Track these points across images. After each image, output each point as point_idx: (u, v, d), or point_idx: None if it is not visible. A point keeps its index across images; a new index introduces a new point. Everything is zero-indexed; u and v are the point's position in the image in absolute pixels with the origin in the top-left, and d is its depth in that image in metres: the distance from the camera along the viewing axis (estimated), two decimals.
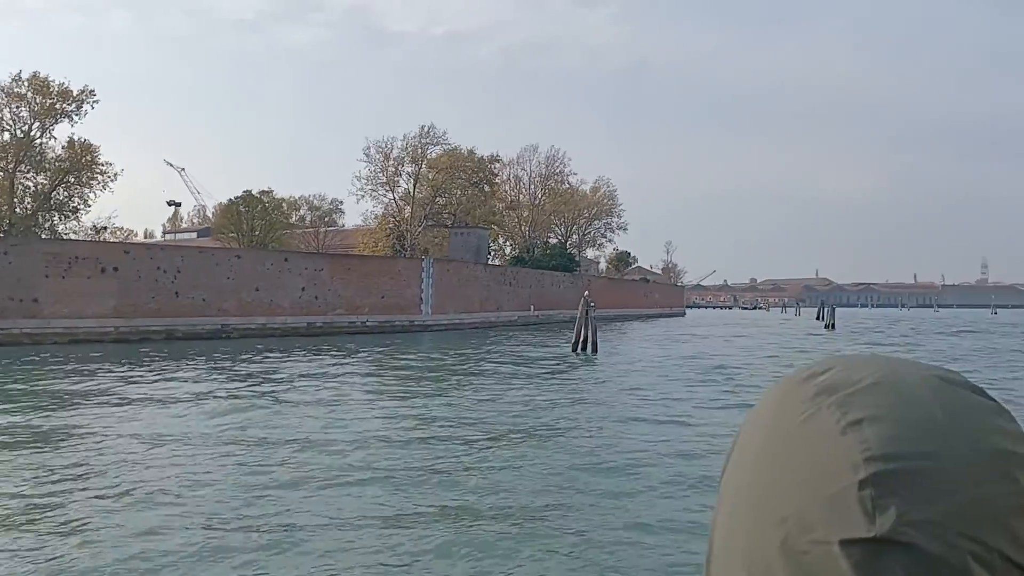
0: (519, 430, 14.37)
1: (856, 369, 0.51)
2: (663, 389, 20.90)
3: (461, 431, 14.18)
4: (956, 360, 31.27)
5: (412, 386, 21.43)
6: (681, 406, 17.58)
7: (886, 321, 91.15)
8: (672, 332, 59.08)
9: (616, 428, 14.83)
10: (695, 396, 19.41)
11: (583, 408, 17.45)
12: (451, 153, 67.95)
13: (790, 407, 0.51)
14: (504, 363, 28.64)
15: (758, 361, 29.59)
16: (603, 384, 22.53)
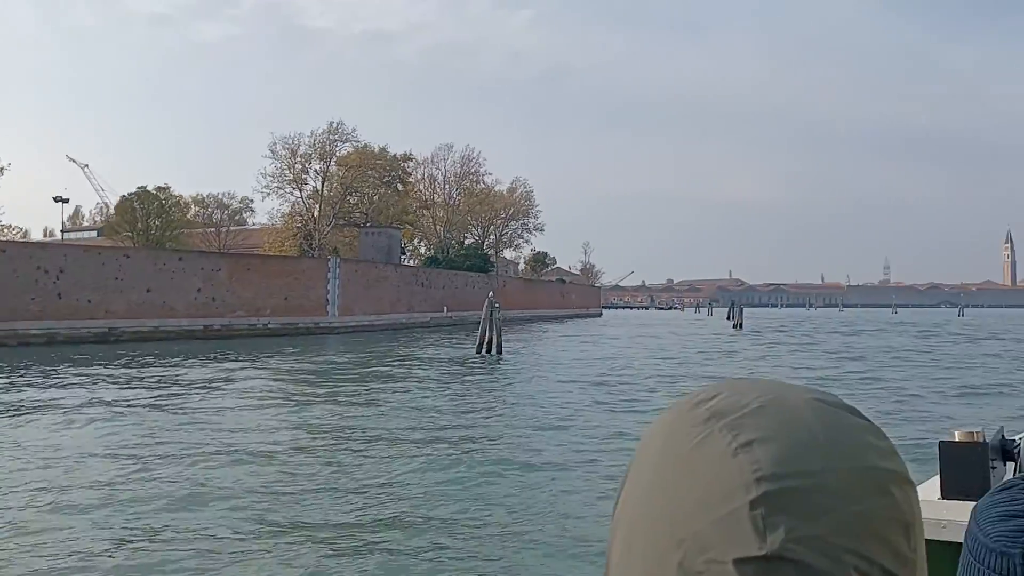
0: (407, 438, 13.53)
1: (743, 393, 0.53)
2: (560, 393, 20.37)
3: (345, 440, 13.29)
4: (853, 359, 31.90)
5: (303, 392, 20.28)
6: (575, 411, 16.99)
7: (792, 321, 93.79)
8: (583, 333, 59.09)
9: (508, 434, 14.16)
10: (590, 401, 18.90)
11: (474, 414, 16.68)
12: (361, 151, 66.39)
13: (682, 432, 0.52)
14: (405, 366, 27.69)
15: (659, 363, 29.42)
16: (501, 387, 21.87)
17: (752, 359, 32.86)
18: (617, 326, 76.69)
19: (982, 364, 29.55)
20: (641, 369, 26.60)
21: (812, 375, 25.54)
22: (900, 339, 48.80)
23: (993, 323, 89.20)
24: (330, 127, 63.58)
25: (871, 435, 0.52)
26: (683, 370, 26.80)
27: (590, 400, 18.82)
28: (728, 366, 28.24)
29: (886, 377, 24.34)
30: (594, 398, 19.13)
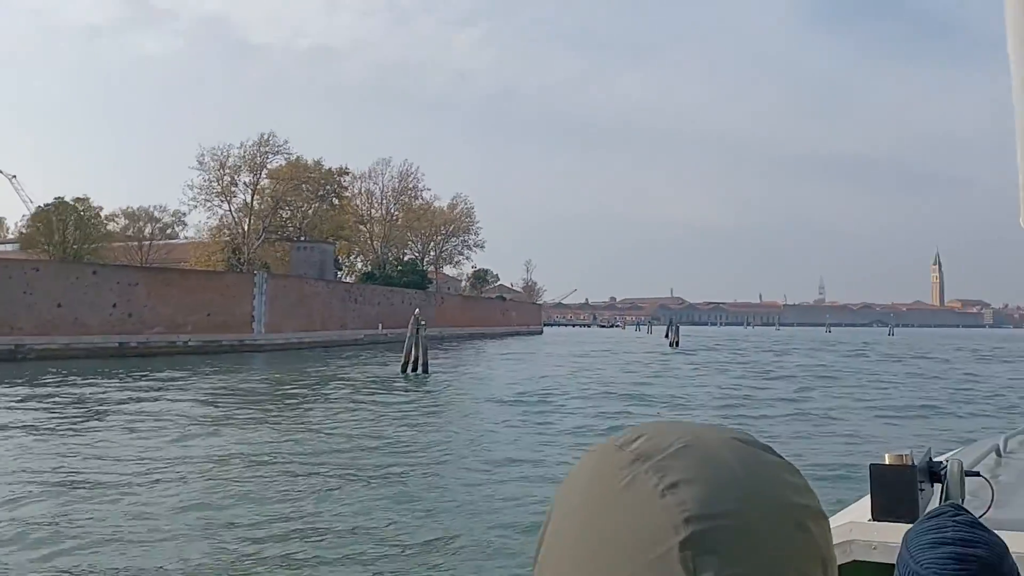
0: (305, 467, 12.55)
1: (665, 435, 0.53)
2: (481, 417, 19.52)
3: (250, 466, 12.41)
4: (781, 379, 31.79)
5: (202, 415, 18.98)
6: (494, 438, 16.15)
7: (729, 339, 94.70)
8: (520, 351, 58.38)
9: (419, 463, 13.22)
10: (511, 425, 18.06)
11: (385, 439, 15.66)
12: (294, 164, 64.77)
13: (609, 474, 0.52)
14: (323, 386, 26.48)
15: (590, 384, 28.77)
16: (421, 410, 20.83)
17: (684, 377, 32.53)
18: (556, 344, 76.22)
19: (905, 383, 29.75)
20: (570, 390, 25.91)
21: (738, 393, 25.26)
22: (828, 356, 49.33)
23: (921, 342, 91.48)
24: (261, 139, 61.96)
25: (787, 472, 0.53)
26: (614, 389, 26.19)
27: (511, 424, 18.00)
28: (658, 387, 27.75)
29: (812, 396, 24.18)
30: (516, 422, 18.31)
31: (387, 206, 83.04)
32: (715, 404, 22.65)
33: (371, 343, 61.67)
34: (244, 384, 27.02)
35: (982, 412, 21.02)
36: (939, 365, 42.72)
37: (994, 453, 2.75)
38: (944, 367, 40.84)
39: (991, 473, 2.34)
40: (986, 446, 2.79)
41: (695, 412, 20.81)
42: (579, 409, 20.76)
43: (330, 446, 14.66)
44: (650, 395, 24.38)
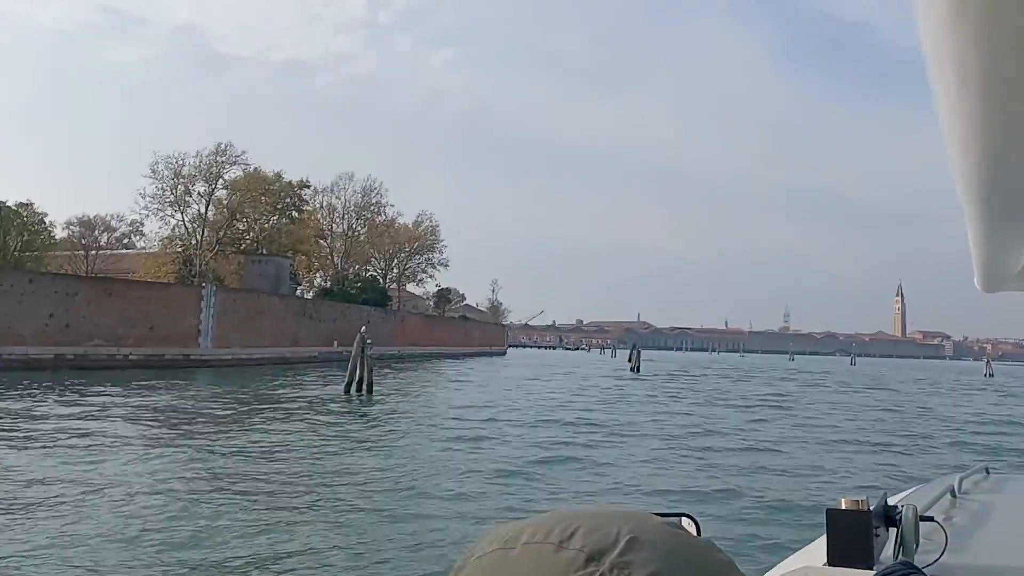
0: (217, 491, 11.45)
1: (600, 527, 0.51)
2: (416, 442, 18.49)
3: (158, 493, 11.38)
4: (736, 408, 31.09)
5: (110, 433, 17.66)
6: (433, 468, 15.08)
7: (692, 364, 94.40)
8: (477, 372, 57.29)
9: (343, 498, 12.11)
10: (450, 455, 16.97)
11: (311, 467, 14.49)
12: (252, 175, 63.30)
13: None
14: (258, 406, 25.20)
15: (543, 411, 27.73)
16: (354, 434, 19.67)
17: (636, 403, 31.72)
18: (516, 366, 75.24)
19: (857, 415, 29.21)
20: (514, 416, 24.87)
21: (687, 421, 24.47)
22: (784, 384, 48.90)
23: (882, 372, 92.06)
24: (217, 148, 60.33)
25: (715, 551, 0.54)
26: (562, 415, 25.19)
27: (443, 452, 16.95)
28: (608, 413, 26.82)
29: (760, 428, 23.46)
30: (449, 450, 17.26)
31: (349, 221, 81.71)
32: (661, 433, 21.78)
33: (325, 360, 60.11)
34: (177, 401, 25.60)
35: (932, 448, 20.40)
36: (893, 396, 42.45)
37: (949, 495, 2.76)
38: (898, 398, 40.53)
39: (945, 515, 2.41)
40: (941, 486, 2.79)
41: (643, 441, 19.92)
42: (519, 437, 19.75)
43: (240, 470, 13.51)
44: (598, 422, 23.45)
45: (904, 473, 15.62)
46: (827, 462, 17.37)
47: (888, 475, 16.03)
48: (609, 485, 13.84)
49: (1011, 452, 20.18)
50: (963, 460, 19.11)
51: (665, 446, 19.12)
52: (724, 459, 17.27)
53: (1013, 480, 3.39)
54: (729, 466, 16.19)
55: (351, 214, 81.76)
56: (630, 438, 20.26)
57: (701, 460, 17.57)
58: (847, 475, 15.98)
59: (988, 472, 3.42)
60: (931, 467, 16.41)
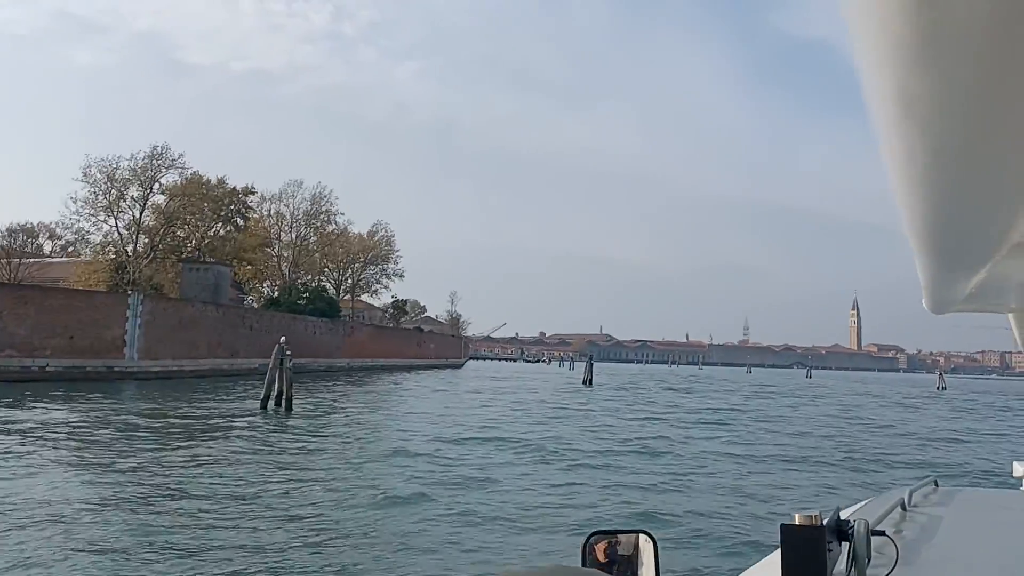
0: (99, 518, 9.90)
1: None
2: (319, 463, 16.86)
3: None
4: (676, 423, 29.91)
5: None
6: (339, 494, 13.52)
7: (648, 377, 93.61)
8: (422, 385, 55.61)
9: (221, 516, 10.58)
10: (345, 476, 15.42)
11: (199, 493, 12.83)
12: (191, 180, 60.97)
13: None
14: (168, 420, 23.37)
15: (461, 428, 26.15)
16: (257, 455, 17.95)
17: (573, 418, 30.51)
18: (468, 378, 73.77)
19: (794, 430, 28.31)
20: (438, 433, 23.30)
21: (621, 436, 23.21)
22: (729, 396, 48.02)
23: (835, 385, 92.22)
24: (152, 151, 57.81)
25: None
26: (490, 433, 23.70)
27: (346, 476, 15.36)
28: (540, 429, 25.44)
29: (694, 444, 22.25)
30: (354, 473, 15.67)
31: (298, 230, 79.49)
32: (592, 448, 20.49)
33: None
34: (75, 416, 23.56)
35: (866, 468, 19.28)
36: (836, 409, 41.78)
37: (899, 508, 2.83)
38: (846, 412, 39.78)
39: (896, 529, 2.48)
40: (892, 500, 2.85)
41: (568, 460, 18.53)
42: (435, 457, 18.21)
43: (128, 495, 11.93)
44: (525, 440, 21.98)
45: (836, 494, 14.49)
46: (749, 482, 16.22)
47: (804, 492, 14.97)
48: (511, 512, 12.45)
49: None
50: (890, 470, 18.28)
51: (594, 461, 17.90)
52: (640, 476, 16.04)
53: (961, 493, 3.49)
54: (644, 486, 14.96)
55: (300, 222, 79.58)
56: (553, 457, 18.84)
57: (614, 471, 16.31)
58: (751, 493, 14.91)
59: (937, 485, 3.51)
60: (868, 488, 15.30)
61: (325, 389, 44.09)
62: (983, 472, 18.86)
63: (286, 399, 27.69)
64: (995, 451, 23.60)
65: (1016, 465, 4.87)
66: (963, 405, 53.83)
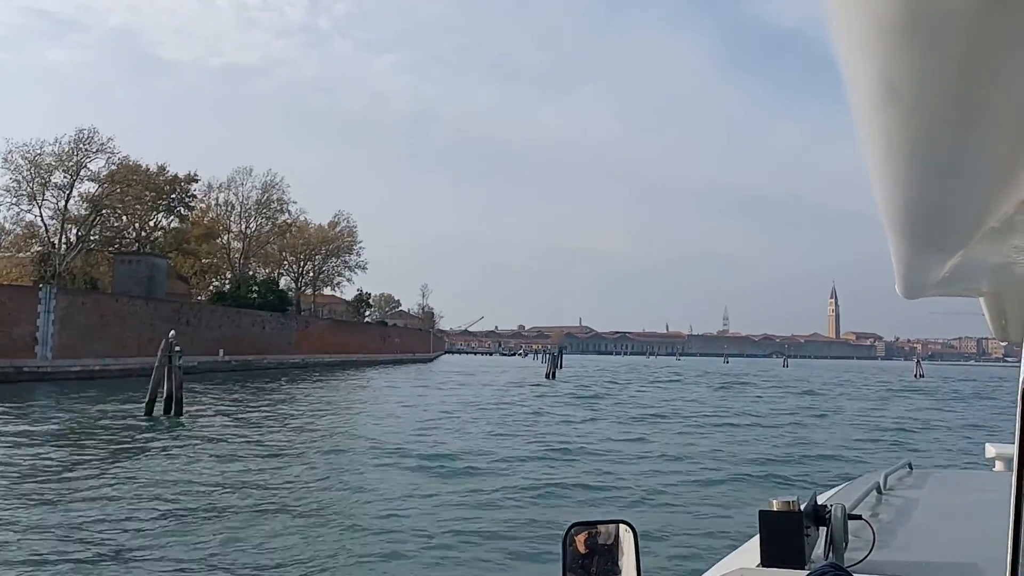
0: None
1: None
2: (182, 484, 13.55)
3: None
4: (625, 420, 26.87)
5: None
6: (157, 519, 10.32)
7: (622, 370, 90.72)
8: (375, 383, 52.28)
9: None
10: (202, 500, 12.15)
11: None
12: (126, 166, 57.03)
13: None
14: (33, 430, 19.94)
15: (386, 432, 22.88)
16: (117, 472, 14.61)
17: (519, 416, 27.47)
18: (430, 374, 70.62)
19: (749, 424, 25.52)
20: (350, 443, 20.00)
21: (563, 437, 20.14)
22: (698, 391, 45.12)
23: (811, 374, 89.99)
24: (78, 135, 53.72)
25: None
26: (411, 441, 20.53)
27: (201, 501, 12.11)
28: (476, 429, 22.31)
29: (635, 448, 19.21)
30: (216, 495, 12.41)
31: (248, 220, 75.63)
32: (524, 455, 17.53)
33: (206, 371, 54.32)
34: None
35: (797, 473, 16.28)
36: (803, 401, 39.05)
37: (875, 491, 2.90)
38: (814, 405, 36.98)
39: (872, 512, 2.54)
40: (868, 484, 2.92)
41: (495, 467, 15.55)
42: (326, 476, 14.95)
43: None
44: (453, 453, 18.55)
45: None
46: (687, 494, 13.16)
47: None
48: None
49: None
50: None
51: (526, 467, 14.96)
52: (567, 487, 13.04)
53: (934, 475, 3.64)
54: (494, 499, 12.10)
55: (250, 211, 75.68)
56: (475, 469, 15.71)
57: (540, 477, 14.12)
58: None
59: (911, 468, 3.63)
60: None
61: (253, 388, 40.67)
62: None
63: (176, 401, 24.23)
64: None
65: (988, 447, 5.08)
66: (946, 395, 51.37)
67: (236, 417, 25.45)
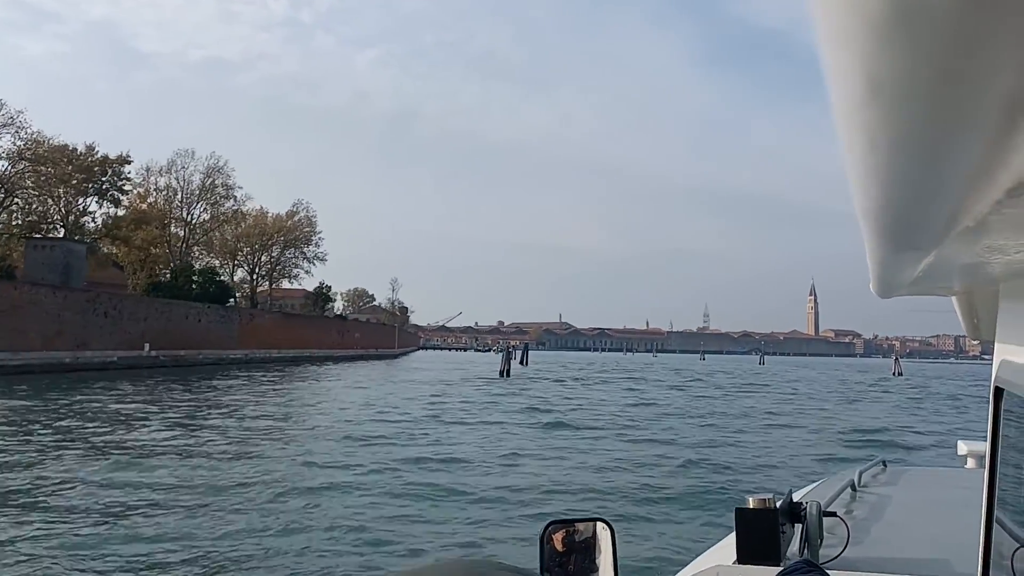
0: None
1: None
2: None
3: None
4: (542, 424, 22.95)
5: None
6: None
7: (593, 367, 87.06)
8: (305, 381, 48.18)
9: None
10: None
11: None
12: (39, 143, 52.41)
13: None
14: None
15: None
16: None
17: (435, 421, 23.58)
18: (388, 370, 66.60)
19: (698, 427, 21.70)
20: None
21: (458, 446, 16.16)
22: (653, 392, 41.28)
23: (782, 371, 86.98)
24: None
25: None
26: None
27: None
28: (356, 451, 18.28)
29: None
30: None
31: (190, 206, 71.02)
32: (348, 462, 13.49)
33: (128, 367, 49.95)
34: None
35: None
36: (768, 402, 35.38)
37: (850, 488, 2.97)
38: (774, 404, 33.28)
39: (847, 509, 2.57)
40: (843, 481, 3.02)
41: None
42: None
43: None
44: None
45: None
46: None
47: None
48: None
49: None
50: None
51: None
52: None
53: (908, 472, 3.80)
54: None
55: (192, 197, 71.05)
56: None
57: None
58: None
59: (885, 465, 3.75)
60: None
61: (143, 390, 36.44)
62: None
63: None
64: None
65: (960, 444, 5.34)
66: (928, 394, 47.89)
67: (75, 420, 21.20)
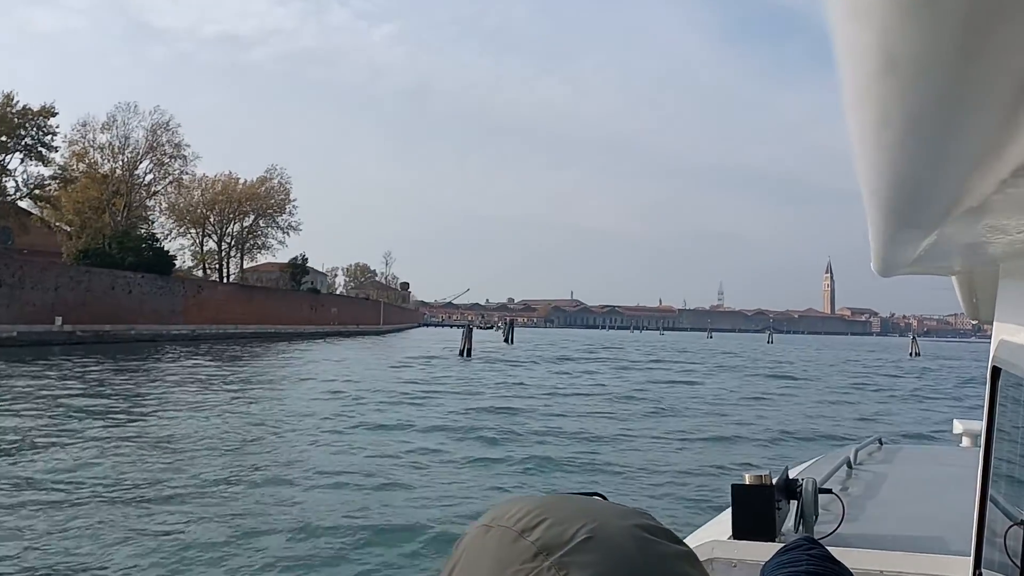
0: None
1: (567, 522, 0.52)
2: None
3: None
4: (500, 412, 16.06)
5: None
6: None
7: (585, 346, 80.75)
8: (249, 362, 41.75)
9: None
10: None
11: None
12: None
13: (511, 570, 0.51)
14: None
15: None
16: None
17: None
18: (366, 347, 60.14)
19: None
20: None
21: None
22: (634, 377, 34.54)
23: (788, 352, 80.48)
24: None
25: (687, 563, 0.53)
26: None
27: None
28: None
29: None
30: None
31: (132, 167, 64.13)
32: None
33: (34, 344, 43.53)
34: None
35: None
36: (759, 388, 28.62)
37: (845, 466, 3.06)
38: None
39: (842, 486, 2.64)
40: (838, 459, 3.09)
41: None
42: None
43: None
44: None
45: None
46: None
47: None
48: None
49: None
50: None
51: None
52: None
53: (903, 450, 3.95)
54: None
55: (136, 157, 64.16)
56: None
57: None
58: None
59: (881, 443, 3.86)
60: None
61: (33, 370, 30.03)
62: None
63: None
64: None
65: (956, 423, 5.55)
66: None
67: None
